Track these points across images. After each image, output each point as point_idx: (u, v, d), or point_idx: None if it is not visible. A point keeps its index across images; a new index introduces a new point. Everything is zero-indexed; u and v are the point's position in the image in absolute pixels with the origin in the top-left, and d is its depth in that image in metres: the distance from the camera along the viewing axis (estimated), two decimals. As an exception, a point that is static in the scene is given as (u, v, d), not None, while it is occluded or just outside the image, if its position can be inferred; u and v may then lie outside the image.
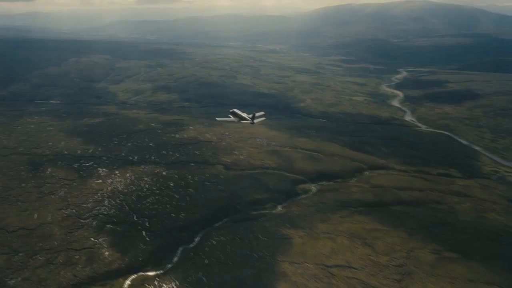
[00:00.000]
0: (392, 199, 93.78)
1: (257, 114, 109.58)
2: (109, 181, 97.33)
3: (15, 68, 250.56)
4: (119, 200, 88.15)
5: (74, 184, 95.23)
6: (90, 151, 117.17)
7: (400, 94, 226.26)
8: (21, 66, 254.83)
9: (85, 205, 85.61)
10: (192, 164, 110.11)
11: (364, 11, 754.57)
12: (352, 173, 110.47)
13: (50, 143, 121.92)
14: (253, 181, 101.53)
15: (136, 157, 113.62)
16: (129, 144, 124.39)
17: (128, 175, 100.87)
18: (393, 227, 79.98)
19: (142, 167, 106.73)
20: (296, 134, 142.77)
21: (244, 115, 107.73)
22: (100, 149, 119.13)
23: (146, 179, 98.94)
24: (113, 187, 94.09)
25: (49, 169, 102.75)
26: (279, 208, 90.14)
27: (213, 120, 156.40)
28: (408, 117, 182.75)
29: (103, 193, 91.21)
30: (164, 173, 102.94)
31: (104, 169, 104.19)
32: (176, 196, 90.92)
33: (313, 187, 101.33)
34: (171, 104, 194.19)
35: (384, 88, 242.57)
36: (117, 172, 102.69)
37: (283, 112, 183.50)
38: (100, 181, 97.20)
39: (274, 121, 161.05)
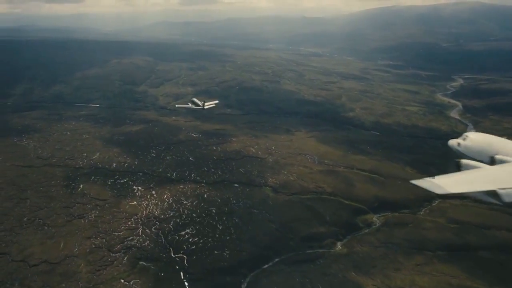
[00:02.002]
0: (477, 241, 76.92)
1: (211, 102, 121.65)
2: (145, 203, 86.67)
3: (58, 69, 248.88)
4: (155, 229, 76.98)
5: (107, 205, 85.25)
6: (126, 164, 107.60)
7: (458, 104, 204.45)
8: (64, 67, 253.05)
9: (116, 233, 75.07)
10: (236, 185, 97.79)
11: (410, 13, 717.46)
12: (421, 202, 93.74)
13: (84, 154, 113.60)
14: (306, 209, 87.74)
15: (174, 174, 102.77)
16: (168, 157, 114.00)
17: (165, 196, 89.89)
18: (488, 284, 63.67)
19: (181, 186, 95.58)
20: (350, 150, 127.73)
21: (199, 102, 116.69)
22: (136, 162, 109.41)
23: (185, 202, 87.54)
24: (149, 211, 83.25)
25: (81, 186, 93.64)
26: (339, 246, 75.82)
27: (258, 131, 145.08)
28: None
29: (137, 218, 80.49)
30: (205, 195, 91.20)
31: (139, 188, 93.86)
32: (219, 227, 78.64)
33: (376, 219, 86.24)
34: (212, 110, 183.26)
35: (440, 97, 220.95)
36: (153, 192, 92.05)
37: (331, 123, 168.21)
38: (135, 203, 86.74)
39: (324, 133, 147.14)
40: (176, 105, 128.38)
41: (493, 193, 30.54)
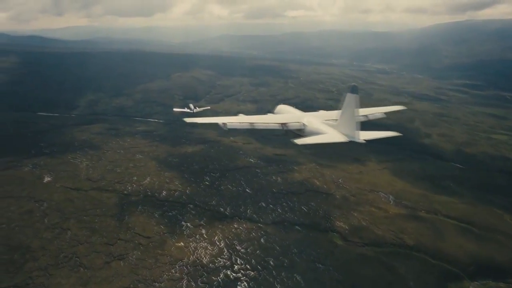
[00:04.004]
0: None
1: (203, 108, 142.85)
2: (193, 245, 75.58)
3: (122, 81, 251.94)
4: (201, 282, 65.24)
5: (151, 245, 75.24)
6: (177, 193, 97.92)
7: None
8: (128, 80, 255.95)
9: (157, 284, 64.29)
10: (298, 228, 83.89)
11: (487, 27, 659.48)
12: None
13: (135, 178, 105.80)
14: (383, 268, 71.61)
15: (228, 209, 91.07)
16: (222, 187, 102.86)
17: (216, 238, 78.29)
18: None
19: (235, 225, 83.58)
20: (431, 188, 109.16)
21: (192, 107, 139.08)
22: (188, 191, 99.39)
23: (238, 247, 75.27)
24: (196, 257, 71.93)
25: (126, 217, 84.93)
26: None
27: (323, 159, 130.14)
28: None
29: (182, 265, 69.38)
30: (262, 239, 78.35)
31: (188, 224, 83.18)
32: (277, 286, 65.07)
33: (475, 290, 68.26)
34: (273, 130, 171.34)
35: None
36: (203, 231, 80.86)
37: (405, 150, 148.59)
38: (182, 244, 75.93)
39: (398, 164, 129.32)
40: (174, 109, 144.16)
41: None
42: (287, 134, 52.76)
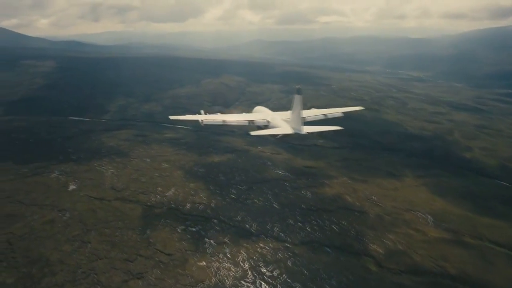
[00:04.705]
0: None
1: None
2: (215, 265, 71.21)
3: (153, 86, 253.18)
4: (223, 309, 60.71)
5: (171, 263, 71.40)
6: (201, 207, 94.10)
7: None
8: (158, 85, 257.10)
9: (176, 308, 60.28)
10: (328, 250, 78.00)
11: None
12: None
13: (159, 188, 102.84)
14: (423, 301, 64.83)
15: (254, 226, 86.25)
16: (248, 201, 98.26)
17: (240, 258, 73.63)
18: None
19: (261, 244, 78.64)
20: (475, 209, 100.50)
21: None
22: (213, 204, 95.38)
23: (263, 270, 70.25)
24: (219, 279, 67.47)
25: (148, 231, 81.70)
26: None
27: (355, 172, 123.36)
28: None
29: (204, 289, 65.06)
30: (289, 262, 73.01)
31: (212, 242, 78.95)
32: (305, 318, 59.72)
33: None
34: (302, 140, 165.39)
35: None
36: (227, 249, 76.38)
37: (443, 165, 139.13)
38: (204, 263, 71.68)
39: (436, 181, 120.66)
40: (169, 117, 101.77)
41: None
42: (260, 128, 59.54)
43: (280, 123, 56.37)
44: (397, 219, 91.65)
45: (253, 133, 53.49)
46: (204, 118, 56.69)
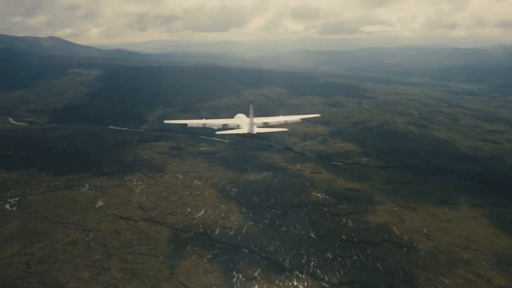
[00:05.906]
0: None
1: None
2: (242, 307, 63.25)
3: (191, 97, 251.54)
4: None
5: (194, 301, 64.23)
6: (232, 232, 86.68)
7: None
8: (197, 95, 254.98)
9: None
10: (372, 294, 67.95)
11: None
12: None
13: (188, 209, 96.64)
14: None
15: (288, 259, 77.51)
16: (283, 228, 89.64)
17: (271, 299, 65.20)
18: None
19: (295, 283, 69.86)
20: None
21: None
22: (244, 231, 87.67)
23: (297, 317, 61.46)
24: (245, 326, 59.37)
25: (172, 259, 75.16)
26: None
27: (402, 197, 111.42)
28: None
29: (228, 336, 57.19)
30: (326, 309, 63.72)
31: (240, 276, 71.13)
32: None
33: None
34: (345, 157, 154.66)
35: None
36: (256, 287, 68.14)
37: (504, 191, 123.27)
38: (230, 304, 63.97)
39: (498, 210, 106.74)
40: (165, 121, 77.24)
41: None
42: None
43: (243, 126, 65.24)
44: (454, 259, 79.64)
45: (218, 132, 65.36)
46: (189, 122, 68.86)
